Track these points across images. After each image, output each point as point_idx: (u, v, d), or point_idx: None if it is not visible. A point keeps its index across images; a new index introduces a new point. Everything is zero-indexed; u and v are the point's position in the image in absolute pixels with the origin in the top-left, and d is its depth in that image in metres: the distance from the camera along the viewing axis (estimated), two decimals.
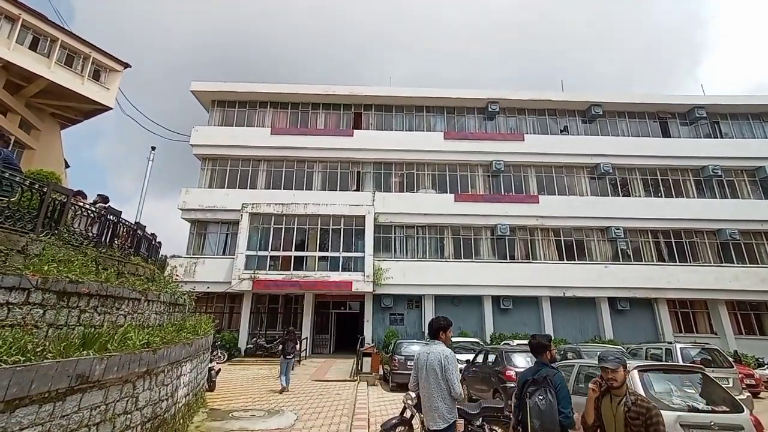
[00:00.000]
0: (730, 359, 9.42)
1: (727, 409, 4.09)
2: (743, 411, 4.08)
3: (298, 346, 10.58)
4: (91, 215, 6.05)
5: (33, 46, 14.56)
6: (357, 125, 20.71)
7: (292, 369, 10.32)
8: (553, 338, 16.09)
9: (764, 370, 13.14)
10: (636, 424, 2.57)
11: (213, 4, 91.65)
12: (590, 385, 2.73)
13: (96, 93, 16.14)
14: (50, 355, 3.06)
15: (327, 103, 20.95)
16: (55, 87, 14.96)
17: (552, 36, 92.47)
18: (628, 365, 2.84)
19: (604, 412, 2.71)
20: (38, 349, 3.01)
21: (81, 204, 5.99)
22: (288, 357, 9.72)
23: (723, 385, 4.92)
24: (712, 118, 21.32)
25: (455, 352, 11.96)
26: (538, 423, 2.91)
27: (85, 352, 3.45)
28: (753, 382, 10.93)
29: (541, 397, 2.97)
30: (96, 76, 16.35)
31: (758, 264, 18.46)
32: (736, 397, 4.64)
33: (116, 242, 6.61)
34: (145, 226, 8.45)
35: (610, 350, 2.21)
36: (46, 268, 3.94)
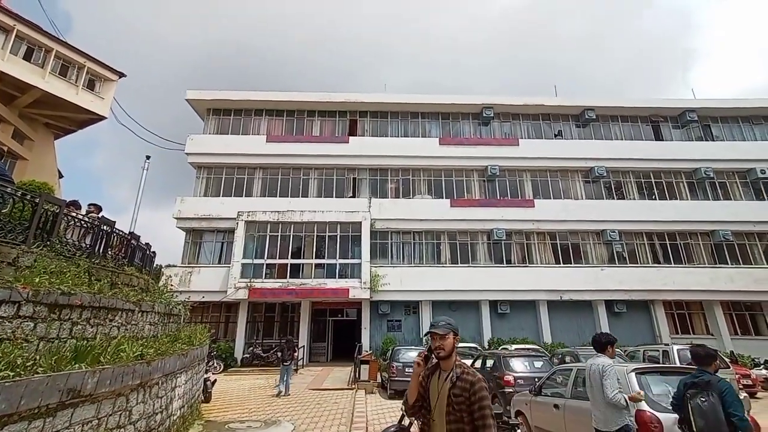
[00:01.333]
0: (727, 360, 9.45)
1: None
2: None
3: (295, 354, 10.97)
4: (84, 226, 6.00)
5: (27, 57, 14.53)
6: (352, 132, 20.78)
7: (287, 378, 10.50)
8: (551, 342, 16.07)
9: (760, 370, 13.17)
10: (459, 402, 2.04)
11: (212, 16, 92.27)
12: (415, 359, 2.27)
13: (90, 103, 16.08)
14: (41, 369, 3.01)
15: (322, 110, 21.03)
16: (50, 97, 14.90)
17: (545, 45, 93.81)
18: (459, 342, 2.39)
19: (431, 392, 2.19)
20: (28, 364, 2.96)
21: (74, 214, 5.94)
22: (286, 363, 10.29)
23: None
24: (703, 122, 21.61)
25: None
26: (702, 422, 3.11)
27: (77, 365, 3.39)
28: (750, 383, 10.93)
29: (703, 399, 3.19)
30: (91, 85, 16.31)
31: (752, 264, 18.60)
32: None
33: (110, 252, 6.55)
34: (139, 236, 8.39)
35: (442, 317, 2.33)
36: (37, 280, 3.89)
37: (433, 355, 2.23)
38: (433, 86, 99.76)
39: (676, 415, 3.97)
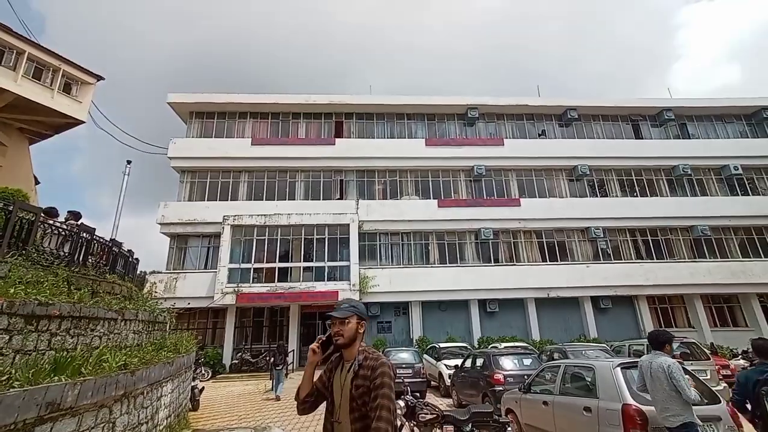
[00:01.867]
0: (707, 352, 9.75)
1: (706, 401, 4.21)
2: (720, 402, 4.21)
3: (288, 359, 11.63)
4: (63, 233, 5.82)
5: None
6: (338, 134, 20.70)
7: (279, 382, 10.76)
8: (539, 339, 16.28)
9: (738, 360, 13.62)
10: (361, 394, 1.74)
11: (195, 19, 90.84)
12: (312, 345, 1.97)
13: (67, 107, 15.58)
14: (17, 383, 2.89)
15: (307, 112, 20.89)
16: (23, 101, 14.37)
17: (527, 48, 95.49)
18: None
19: (335, 388, 1.87)
20: (3, 378, 2.85)
21: (51, 222, 5.75)
22: (278, 368, 10.71)
23: (701, 378, 5.08)
24: (679, 120, 22.29)
25: (442, 358, 11.96)
26: None
27: (56, 377, 3.28)
28: (729, 373, 11.30)
29: None
30: (67, 89, 15.81)
31: (728, 258, 19.25)
32: (714, 388, 4.80)
33: (90, 260, 6.37)
34: (121, 243, 8.20)
35: (346, 299, 1.98)
36: (12, 290, 3.75)
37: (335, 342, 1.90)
38: (415, 89, 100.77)
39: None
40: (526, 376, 6.75)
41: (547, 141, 21.30)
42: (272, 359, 11.14)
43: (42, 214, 5.49)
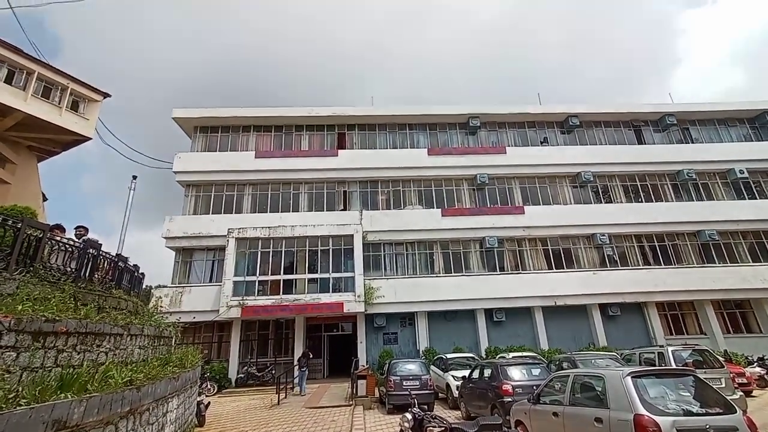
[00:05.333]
0: (721, 359, 9.53)
1: (721, 411, 4.11)
2: (736, 412, 4.11)
3: (310, 358, 14.93)
4: (69, 249, 5.87)
5: (8, 80, 14.35)
6: (341, 145, 20.87)
7: (302, 382, 13.54)
8: (548, 348, 16.09)
9: (754, 368, 13.29)
10: None
11: (203, 36, 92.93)
12: None
13: (74, 124, 15.89)
14: (24, 401, 2.89)
15: (310, 124, 21.12)
16: (32, 119, 14.69)
17: (527, 56, 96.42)
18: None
19: None
20: (10, 396, 2.85)
21: (58, 238, 5.82)
22: (302, 370, 13.50)
23: (715, 386, 4.96)
24: (682, 125, 22.25)
25: (450, 369, 11.81)
26: None
27: (62, 394, 3.27)
28: (744, 381, 11.01)
29: None
30: (74, 106, 16.15)
31: (738, 263, 18.95)
32: (730, 397, 4.69)
33: (96, 276, 6.41)
34: (127, 258, 8.25)
35: None
36: (20, 307, 3.78)
37: None
38: (420, 100, 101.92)
39: (673, 418, 3.99)
40: (535, 387, 6.63)
41: (549, 148, 21.30)
42: (297, 363, 14.07)
43: (50, 231, 5.55)
